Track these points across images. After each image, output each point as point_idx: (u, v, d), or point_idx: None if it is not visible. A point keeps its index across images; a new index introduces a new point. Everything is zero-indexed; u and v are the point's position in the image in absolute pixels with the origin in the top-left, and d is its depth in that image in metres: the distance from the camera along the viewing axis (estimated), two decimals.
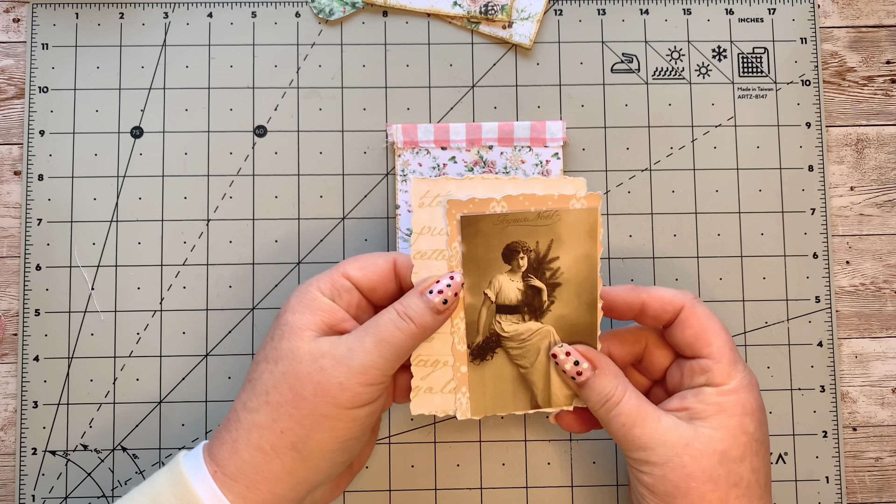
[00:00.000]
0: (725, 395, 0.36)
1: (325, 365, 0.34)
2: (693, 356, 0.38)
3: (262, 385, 0.35)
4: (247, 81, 0.46)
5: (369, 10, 0.47)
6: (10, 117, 0.46)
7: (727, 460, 0.35)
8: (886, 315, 0.46)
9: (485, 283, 0.37)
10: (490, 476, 0.45)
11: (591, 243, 0.36)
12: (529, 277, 0.37)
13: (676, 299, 0.38)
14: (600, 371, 0.37)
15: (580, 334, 0.38)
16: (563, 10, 0.47)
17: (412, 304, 0.36)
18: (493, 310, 0.37)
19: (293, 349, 0.35)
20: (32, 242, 0.45)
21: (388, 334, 0.35)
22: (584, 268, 0.37)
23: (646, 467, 0.36)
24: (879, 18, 0.48)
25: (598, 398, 0.37)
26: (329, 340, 0.35)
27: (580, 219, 0.36)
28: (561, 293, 0.37)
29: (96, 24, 0.47)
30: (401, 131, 0.45)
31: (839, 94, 0.47)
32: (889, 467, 0.45)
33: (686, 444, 0.35)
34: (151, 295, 0.45)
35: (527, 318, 0.37)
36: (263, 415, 0.35)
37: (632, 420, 0.36)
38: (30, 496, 0.44)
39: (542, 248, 0.36)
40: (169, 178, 0.46)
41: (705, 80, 0.47)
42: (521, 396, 0.38)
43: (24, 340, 0.45)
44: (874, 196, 0.47)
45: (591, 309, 0.37)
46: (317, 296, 0.36)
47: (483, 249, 0.36)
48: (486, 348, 0.38)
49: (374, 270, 0.37)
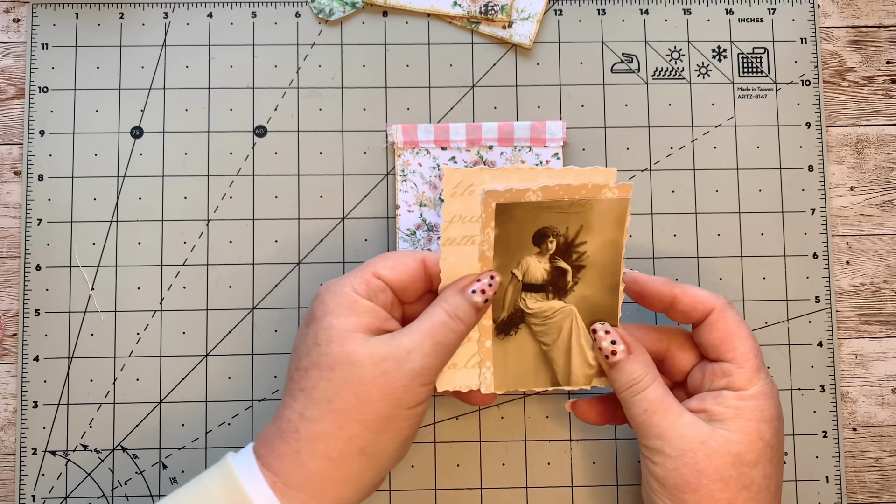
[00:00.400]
0: (745, 400, 0.36)
1: (388, 368, 0.34)
2: (717, 359, 0.38)
3: (320, 393, 0.34)
4: (247, 81, 0.46)
5: (369, 10, 0.47)
6: (10, 117, 0.46)
7: (741, 463, 0.35)
8: (886, 315, 0.46)
9: (513, 263, 0.38)
10: (490, 476, 0.45)
11: (619, 230, 0.38)
12: (556, 259, 0.38)
13: (708, 300, 0.38)
14: (634, 356, 0.37)
15: (601, 314, 0.39)
16: (562, 10, 0.47)
17: (459, 304, 0.36)
18: (518, 288, 0.38)
19: (349, 353, 0.34)
20: (32, 242, 0.45)
21: (443, 336, 0.36)
22: (609, 252, 0.38)
23: (659, 458, 0.36)
24: (879, 18, 0.48)
25: (626, 380, 0.37)
26: (384, 343, 0.35)
27: (611, 207, 0.37)
28: (585, 275, 0.38)
29: (96, 24, 0.47)
30: (401, 131, 0.45)
31: (839, 94, 0.47)
32: (889, 467, 0.45)
33: (702, 441, 0.35)
34: (151, 295, 0.45)
35: (551, 297, 0.39)
36: (328, 424, 0.34)
37: (654, 407, 0.36)
38: (30, 496, 0.44)
39: (571, 233, 0.38)
40: (169, 178, 0.46)
41: (705, 80, 0.47)
42: (542, 374, 0.39)
43: (24, 340, 0.45)
44: (874, 196, 0.47)
45: (612, 291, 0.38)
46: (356, 297, 0.36)
47: (515, 233, 0.38)
48: (511, 324, 0.39)
49: (405, 270, 0.37)
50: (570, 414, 0.45)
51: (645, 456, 0.37)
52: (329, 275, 0.45)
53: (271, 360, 0.45)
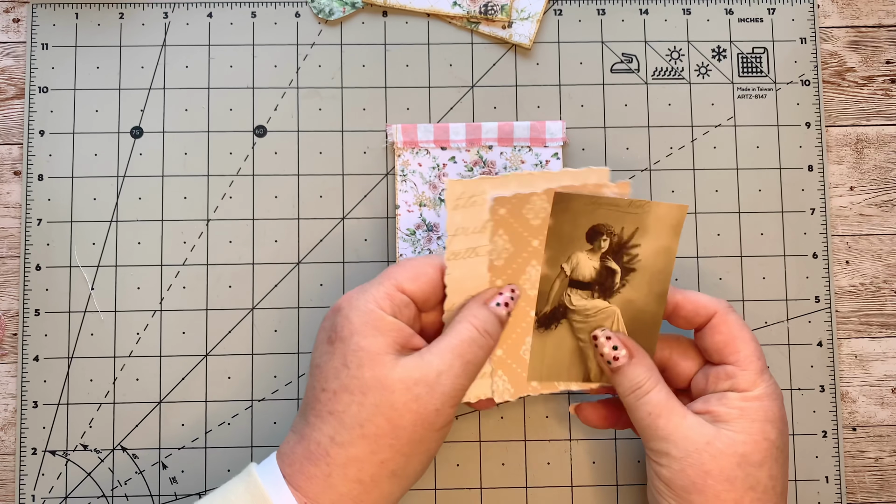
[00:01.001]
0: (749, 401, 0.36)
1: (420, 393, 0.34)
2: (720, 362, 0.38)
3: (352, 418, 0.34)
4: (247, 81, 0.46)
5: (369, 10, 0.47)
6: (10, 117, 0.46)
7: (746, 463, 0.35)
8: (886, 315, 0.46)
9: (563, 257, 0.38)
10: (490, 476, 0.45)
11: (674, 238, 0.38)
12: (607, 258, 0.38)
13: (710, 305, 0.38)
14: (636, 360, 0.38)
15: (643, 321, 0.39)
16: (562, 10, 0.47)
17: (486, 318, 0.37)
18: (565, 283, 0.39)
19: (380, 378, 0.34)
20: (32, 242, 0.45)
21: (473, 355, 0.36)
22: (661, 259, 0.38)
23: (665, 459, 0.36)
24: (879, 18, 0.48)
25: (629, 384, 0.37)
26: (415, 365, 0.35)
27: (669, 213, 0.37)
28: (633, 279, 0.38)
29: (96, 24, 0.47)
30: (401, 131, 0.45)
31: (839, 94, 0.47)
32: (889, 467, 0.45)
33: (707, 441, 0.35)
34: (151, 295, 0.45)
35: (596, 296, 0.39)
36: (360, 448, 0.34)
37: (658, 410, 0.36)
38: (30, 496, 0.44)
39: (626, 234, 0.38)
40: (169, 178, 0.46)
41: (705, 80, 0.47)
42: (576, 369, 0.40)
43: (23, 340, 0.45)
44: (874, 196, 0.47)
45: (658, 299, 0.38)
46: (381, 315, 0.35)
47: (569, 226, 0.38)
48: (553, 318, 0.39)
49: (426, 281, 0.37)
50: (570, 414, 0.45)
51: (650, 458, 0.37)
52: (329, 274, 0.45)
53: (271, 360, 0.45)
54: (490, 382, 0.39)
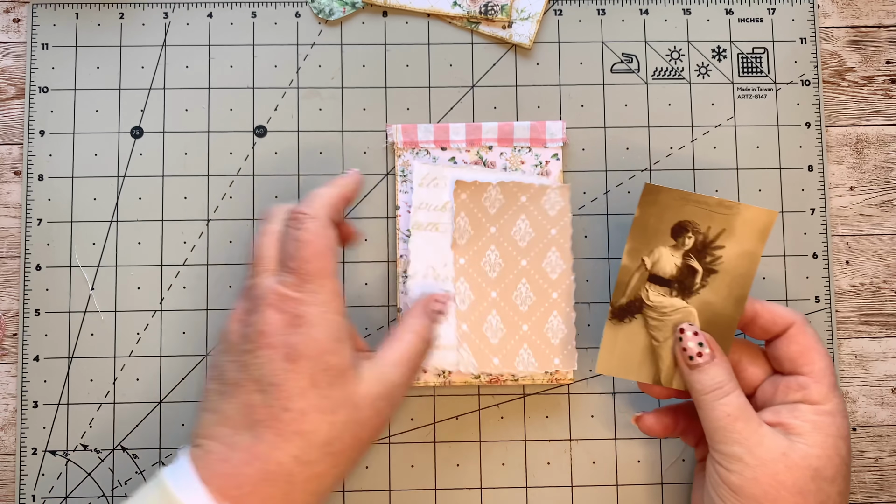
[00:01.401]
0: (821, 416, 0.36)
1: (382, 408, 0.35)
2: (792, 372, 0.38)
3: (320, 437, 0.33)
4: (247, 81, 0.46)
5: (369, 10, 0.47)
6: (10, 117, 0.46)
7: (819, 478, 0.35)
8: (886, 315, 0.46)
9: (645, 250, 0.38)
10: (490, 476, 0.45)
11: (760, 243, 0.38)
12: (690, 257, 0.38)
13: (788, 316, 0.38)
14: (718, 360, 0.37)
15: (719, 325, 0.38)
16: (562, 11, 0.47)
17: (427, 326, 0.38)
18: (644, 277, 0.39)
19: (349, 396, 0.34)
20: (32, 242, 0.45)
21: (419, 364, 0.37)
22: (744, 263, 0.38)
23: (737, 466, 0.35)
24: (879, 18, 0.48)
25: (710, 383, 0.37)
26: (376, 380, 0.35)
27: (758, 217, 0.37)
28: (714, 280, 0.38)
29: (96, 24, 0.47)
30: (401, 131, 0.45)
31: (839, 94, 0.47)
32: (889, 467, 0.45)
33: (783, 452, 0.35)
34: (151, 295, 0.45)
35: (674, 294, 0.39)
36: (325, 465, 0.34)
37: (737, 413, 0.36)
38: (30, 496, 0.44)
39: (712, 234, 0.38)
40: (169, 178, 0.46)
41: (705, 80, 0.47)
42: (647, 368, 0.39)
43: (24, 340, 0.45)
44: (874, 196, 0.47)
45: (737, 304, 0.38)
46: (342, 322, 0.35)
47: (655, 219, 0.38)
48: (628, 311, 0.39)
49: (334, 239, 0.36)
50: (569, 414, 0.45)
51: (719, 463, 0.36)
52: None
53: None
54: (456, 354, 0.41)
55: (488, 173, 0.44)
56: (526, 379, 0.44)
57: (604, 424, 0.45)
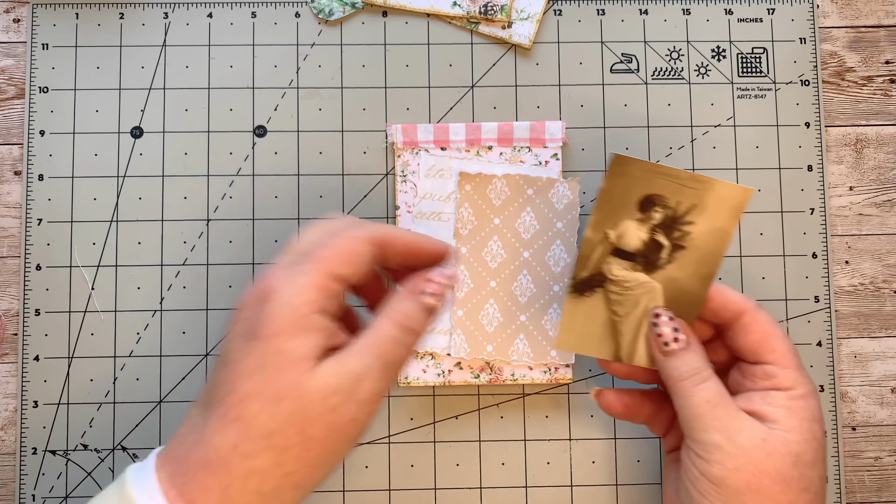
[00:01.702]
0: (794, 400, 0.35)
1: (337, 403, 0.31)
2: (756, 362, 0.36)
3: (259, 427, 0.30)
4: (247, 81, 0.46)
5: (369, 11, 0.47)
6: (11, 117, 0.46)
7: (801, 463, 0.34)
8: (885, 315, 0.46)
9: (610, 223, 0.37)
10: (489, 476, 0.45)
11: (732, 221, 0.36)
12: (657, 231, 0.37)
13: (740, 302, 0.37)
14: (694, 346, 0.36)
15: (683, 302, 0.37)
16: (562, 11, 0.47)
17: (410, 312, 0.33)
18: (608, 250, 0.37)
19: (297, 386, 0.31)
20: (33, 242, 0.45)
21: (394, 354, 0.32)
22: (714, 240, 0.36)
23: (717, 455, 0.34)
24: (878, 18, 0.48)
25: (687, 369, 0.35)
26: (333, 371, 0.31)
27: (731, 194, 0.36)
28: (682, 257, 0.37)
29: (96, 24, 0.47)
30: (400, 131, 0.45)
31: (838, 94, 0.47)
32: (888, 467, 0.45)
33: (763, 439, 0.34)
34: (151, 295, 0.45)
35: (638, 269, 0.37)
36: (265, 460, 0.30)
37: (717, 399, 0.34)
38: (30, 496, 0.44)
39: (682, 210, 0.36)
40: (169, 178, 0.46)
41: (704, 80, 0.47)
42: (607, 344, 0.38)
43: (24, 340, 0.45)
44: (873, 196, 0.47)
45: (703, 282, 0.37)
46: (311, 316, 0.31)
47: (622, 191, 0.36)
48: (588, 285, 0.38)
49: (361, 263, 0.33)
50: (569, 414, 0.45)
51: (697, 454, 0.35)
52: None
53: None
54: (449, 338, 0.42)
55: (494, 166, 0.45)
56: (521, 367, 0.44)
57: (603, 424, 0.45)
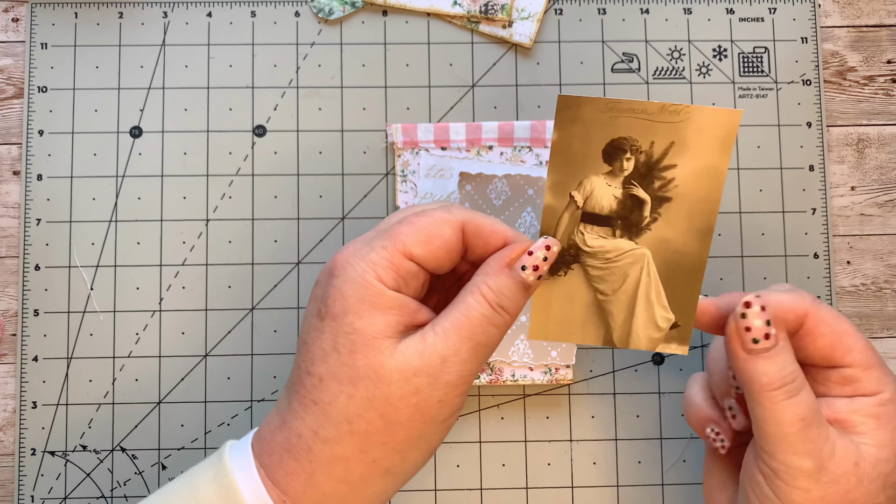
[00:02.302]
0: (884, 406, 0.30)
1: (421, 385, 0.29)
2: (831, 366, 0.31)
3: (339, 411, 0.29)
4: (246, 81, 0.46)
5: (369, 10, 0.47)
6: (9, 117, 0.46)
7: (889, 485, 0.30)
8: (887, 315, 0.46)
9: (573, 183, 0.30)
10: (490, 476, 0.45)
11: (723, 154, 0.29)
12: (632, 185, 0.30)
13: (797, 305, 0.31)
14: (786, 343, 0.29)
15: (681, 267, 0.31)
16: (563, 10, 0.47)
17: (504, 290, 0.30)
18: (577, 217, 0.31)
19: (374, 367, 0.29)
20: (31, 242, 0.45)
21: (484, 335, 0.29)
22: (705, 184, 0.30)
23: (804, 483, 0.29)
24: (880, 18, 0.48)
25: (780, 376, 0.29)
26: (416, 351, 0.29)
27: (716, 122, 0.29)
28: (668, 211, 0.30)
29: (95, 23, 0.47)
30: (400, 131, 0.45)
31: (840, 94, 0.47)
32: None
33: (855, 462, 0.29)
34: (150, 295, 0.45)
35: (618, 234, 0.31)
36: (347, 446, 0.29)
37: (811, 416, 0.29)
38: (29, 496, 0.44)
39: (657, 151, 0.30)
40: (168, 178, 0.46)
41: (706, 79, 0.47)
42: (593, 327, 0.32)
43: (23, 340, 0.45)
44: (875, 196, 0.47)
45: (702, 238, 0.30)
46: (382, 289, 0.29)
47: (579, 141, 0.30)
48: (561, 262, 0.31)
49: (441, 245, 0.30)
50: (570, 415, 0.45)
51: (777, 475, 0.30)
52: None
53: (271, 360, 0.45)
54: None
55: (494, 166, 0.44)
56: (521, 368, 0.44)
57: (604, 425, 0.45)
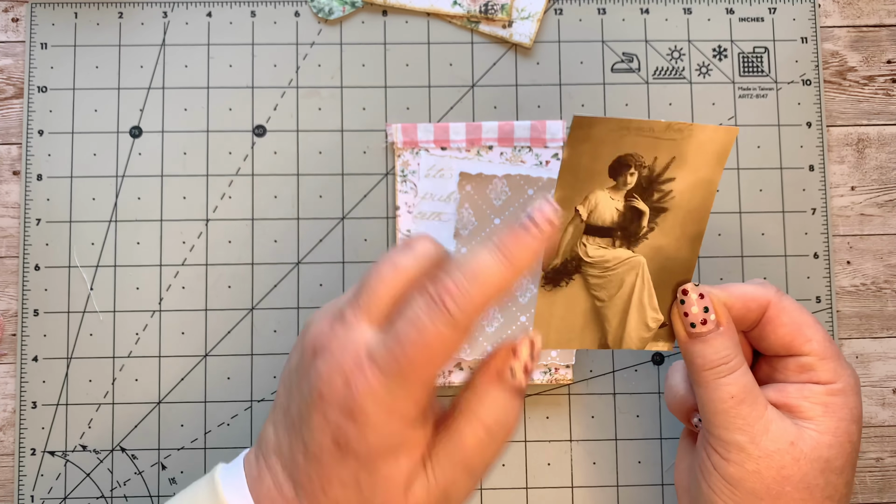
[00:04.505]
0: (834, 395, 0.32)
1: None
2: (790, 355, 0.33)
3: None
4: (246, 81, 0.46)
5: (369, 10, 0.47)
6: (9, 117, 0.46)
7: (829, 470, 0.31)
8: (887, 315, 0.46)
9: (579, 197, 0.32)
10: (490, 477, 0.45)
11: (717, 168, 0.31)
12: (633, 198, 0.32)
13: (760, 295, 0.33)
14: (725, 329, 0.32)
15: (672, 272, 0.33)
16: (563, 10, 0.47)
17: (498, 407, 0.30)
18: (580, 230, 0.32)
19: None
20: (31, 242, 0.45)
21: (482, 459, 0.30)
22: (699, 194, 0.32)
23: (738, 456, 0.31)
24: (880, 18, 0.48)
25: (714, 357, 0.31)
26: (424, 492, 0.29)
27: (714, 138, 0.31)
28: (664, 220, 0.32)
29: (95, 23, 0.46)
30: (400, 131, 0.45)
31: (840, 94, 0.47)
32: (890, 468, 0.45)
33: (791, 442, 0.31)
34: (150, 295, 0.45)
35: (617, 244, 0.33)
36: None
37: (743, 394, 0.31)
38: (29, 496, 0.44)
39: (659, 166, 0.31)
40: (168, 178, 0.46)
41: (706, 79, 0.47)
42: (591, 333, 0.34)
43: (22, 341, 0.45)
44: (875, 196, 0.47)
45: (693, 243, 0.32)
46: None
47: (588, 158, 0.31)
48: (563, 273, 0.33)
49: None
50: (570, 414, 0.45)
51: (715, 450, 0.32)
52: (329, 275, 0.45)
53: (270, 360, 0.45)
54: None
55: (494, 166, 0.44)
56: None
57: (604, 425, 0.45)
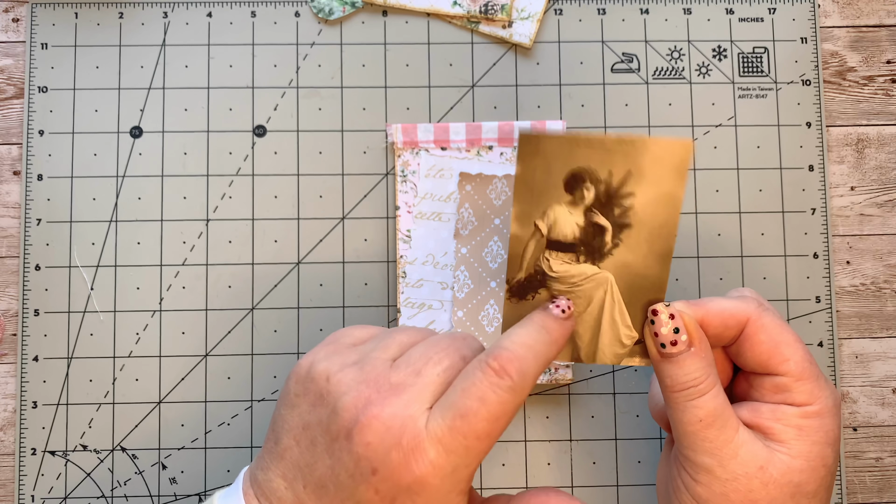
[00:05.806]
0: (809, 419, 0.31)
1: None
2: (766, 373, 0.32)
3: None
4: (246, 81, 0.46)
5: (369, 10, 0.47)
6: (10, 117, 0.46)
7: (800, 494, 0.30)
8: (887, 315, 0.46)
9: (537, 212, 0.32)
10: (490, 476, 0.45)
11: (678, 182, 0.30)
12: (593, 212, 0.32)
13: (739, 311, 0.32)
14: (697, 350, 0.31)
15: (645, 288, 0.32)
16: (563, 10, 0.47)
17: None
18: (542, 244, 0.32)
19: None
20: (32, 242, 0.45)
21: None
22: (662, 210, 0.31)
23: (704, 477, 0.31)
24: (880, 18, 0.48)
25: (684, 380, 0.31)
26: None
27: (670, 151, 0.30)
28: (629, 236, 0.32)
29: (95, 23, 0.47)
30: (400, 131, 0.45)
31: (839, 94, 0.47)
32: (890, 468, 0.45)
33: (760, 466, 0.30)
34: (151, 295, 0.45)
35: (582, 260, 0.32)
36: None
37: (711, 419, 0.30)
38: (29, 496, 0.44)
39: (616, 180, 0.31)
40: (168, 178, 0.46)
41: (705, 79, 0.47)
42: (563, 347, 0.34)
43: (23, 340, 0.45)
44: (875, 196, 0.47)
45: (662, 261, 0.32)
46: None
47: (542, 173, 0.31)
48: (528, 287, 0.33)
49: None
50: (570, 414, 0.45)
51: (685, 470, 0.32)
52: (329, 275, 0.45)
53: (271, 360, 0.45)
54: None
55: (494, 166, 0.44)
56: None
57: (604, 425, 0.45)
